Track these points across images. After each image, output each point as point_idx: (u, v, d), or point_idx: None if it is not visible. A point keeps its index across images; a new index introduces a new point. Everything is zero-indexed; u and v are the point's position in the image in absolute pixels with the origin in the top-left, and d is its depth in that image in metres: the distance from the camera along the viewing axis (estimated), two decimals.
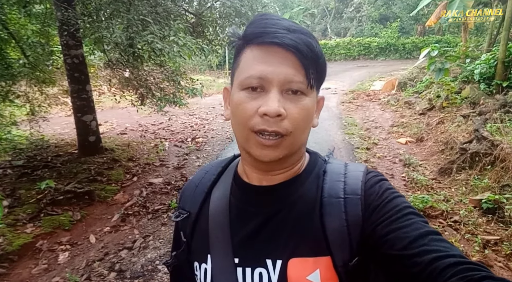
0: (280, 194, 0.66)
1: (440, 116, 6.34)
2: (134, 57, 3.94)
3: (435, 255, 0.49)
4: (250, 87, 0.58)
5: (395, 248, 0.53)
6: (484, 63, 7.03)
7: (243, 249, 0.65)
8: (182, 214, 0.74)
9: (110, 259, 3.06)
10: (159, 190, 4.38)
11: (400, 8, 20.70)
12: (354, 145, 5.87)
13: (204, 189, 0.74)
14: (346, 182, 0.63)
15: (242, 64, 0.61)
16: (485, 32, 12.87)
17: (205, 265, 0.67)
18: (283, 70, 0.57)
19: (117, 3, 3.62)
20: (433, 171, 4.67)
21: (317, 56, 0.59)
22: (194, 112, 8.88)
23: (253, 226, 0.65)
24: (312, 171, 0.68)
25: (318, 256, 0.60)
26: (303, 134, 0.62)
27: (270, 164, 0.63)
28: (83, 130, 5.11)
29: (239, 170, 0.72)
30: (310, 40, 0.58)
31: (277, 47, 0.57)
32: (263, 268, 0.62)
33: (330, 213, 0.60)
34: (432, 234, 0.53)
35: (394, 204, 0.58)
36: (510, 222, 3.19)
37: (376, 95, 10.13)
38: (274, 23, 0.58)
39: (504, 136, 4.22)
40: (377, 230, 0.56)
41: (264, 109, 0.56)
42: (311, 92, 0.60)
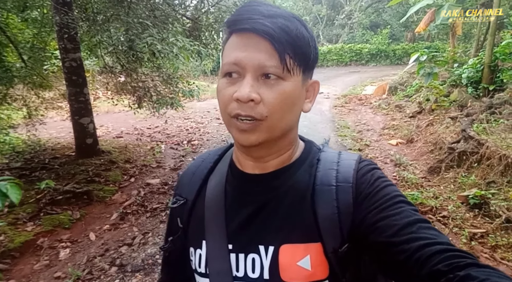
0: (273, 182, 0.67)
1: (430, 119, 6.54)
2: (133, 59, 4.04)
3: (423, 242, 0.50)
4: (228, 74, 0.60)
5: (383, 235, 0.54)
6: (471, 68, 7.26)
7: (237, 236, 0.66)
8: (179, 201, 0.75)
9: (111, 255, 3.13)
10: (157, 190, 4.46)
11: (390, 15, 21.15)
12: (346, 146, 6.02)
13: (201, 176, 0.75)
14: (338, 170, 0.64)
15: (225, 52, 0.62)
16: (472, 38, 13.23)
17: (200, 251, 0.69)
18: (256, 56, 0.57)
19: (116, 7, 3.73)
20: (422, 170, 4.83)
21: (294, 40, 0.58)
22: (189, 116, 8.98)
23: (247, 213, 0.67)
24: (306, 159, 0.69)
25: (309, 242, 0.61)
26: (283, 118, 0.61)
27: (253, 149, 0.64)
28: (80, 132, 5.18)
29: (234, 159, 0.74)
30: (287, 23, 0.58)
31: (250, 33, 0.57)
32: (256, 254, 0.63)
33: (321, 201, 0.62)
34: (421, 222, 0.54)
35: (385, 193, 0.59)
36: (495, 216, 3.34)
37: (368, 99, 10.34)
38: (251, 9, 0.59)
39: (490, 136, 4.41)
40: (367, 217, 0.58)
41: (237, 94, 0.57)
42: (290, 77, 0.59)
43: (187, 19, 4.90)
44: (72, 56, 4.89)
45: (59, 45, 4.91)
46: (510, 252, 2.98)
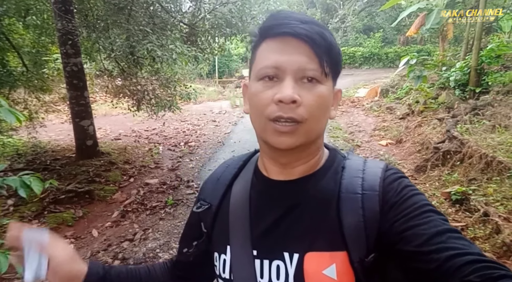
0: (298, 188, 0.67)
1: (418, 120, 6.78)
2: (134, 64, 4.24)
3: (453, 252, 0.49)
4: (266, 77, 0.60)
5: (412, 244, 0.53)
6: (459, 71, 7.52)
7: (262, 242, 0.66)
8: (203, 205, 0.76)
9: (113, 250, 3.31)
10: (156, 190, 4.64)
11: (383, 19, 21.51)
12: (338, 147, 6.22)
13: (226, 182, 0.76)
14: (364, 178, 0.64)
15: (258, 57, 0.63)
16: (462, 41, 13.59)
17: (224, 256, 0.69)
18: (297, 59, 0.59)
19: (117, 14, 3.92)
20: (410, 169, 5.05)
21: (330, 45, 0.61)
22: (186, 118, 9.17)
23: (271, 219, 0.67)
24: (331, 167, 0.69)
25: (334, 250, 0.60)
26: (319, 122, 0.62)
27: (287, 153, 0.64)
28: (81, 134, 5.35)
29: (259, 165, 0.74)
30: (323, 30, 0.60)
31: (290, 37, 0.59)
32: (281, 261, 0.63)
33: (347, 209, 0.61)
34: (451, 231, 0.53)
35: (413, 201, 0.59)
36: (474, 210, 3.56)
37: (360, 102, 10.60)
38: (287, 15, 0.61)
39: (472, 136, 4.65)
40: (394, 226, 0.57)
41: (279, 95, 0.58)
42: (326, 80, 0.61)
43: (184, 25, 5.11)
44: (73, 61, 5.07)
45: (60, 50, 5.09)
46: (487, 243, 3.20)
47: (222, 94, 13.63)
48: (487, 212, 3.40)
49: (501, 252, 3.07)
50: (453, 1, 11.41)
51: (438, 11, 9.68)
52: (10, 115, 1.41)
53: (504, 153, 4.07)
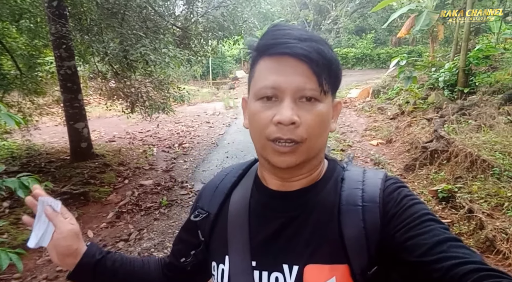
0: (298, 200, 0.67)
1: (408, 120, 6.93)
2: (127, 67, 4.31)
3: (455, 261, 0.49)
4: (265, 97, 0.60)
5: (413, 254, 0.53)
6: (448, 71, 7.69)
7: (261, 253, 0.66)
8: (201, 214, 0.75)
9: (109, 250, 3.36)
10: (150, 191, 4.71)
11: (375, 20, 21.73)
12: (330, 147, 6.35)
13: (224, 190, 0.75)
14: (364, 190, 0.64)
15: (257, 75, 0.63)
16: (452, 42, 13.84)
17: (223, 266, 0.69)
18: (295, 79, 0.58)
19: (111, 18, 3.99)
20: (399, 168, 5.18)
21: (329, 62, 0.61)
22: (179, 120, 9.23)
23: (271, 230, 0.66)
24: (330, 178, 0.69)
25: (335, 263, 0.60)
26: (318, 140, 0.63)
27: (288, 171, 0.64)
28: (75, 136, 5.40)
29: (259, 174, 0.74)
30: (321, 47, 0.60)
31: (288, 57, 0.59)
32: (280, 273, 0.63)
33: (348, 221, 0.61)
34: (452, 240, 0.53)
35: (413, 211, 0.59)
36: (460, 207, 3.69)
37: (352, 102, 10.75)
38: (285, 33, 0.60)
39: (458, 135, 4.79)
40: (395, 237, 0.57)
41: (278, 117, 0.58)
42: (325, 98, 0.61)
43: (177, 28, 5.19)
44: (67, 64, 5.12)
45: (54, 54, 5.14)
46: (471, 238, 3.32)
47: (216, 96, 13.71)
48: (472, 208, 3.53)
49: (484, 247, 3.20)
50: (443, 3, 11.63)
51: (427, 13, 9.86)
52: (10, 119, 1.49)
53: (488, 152, 4.21)
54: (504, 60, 7.85)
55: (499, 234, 3.17)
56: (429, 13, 9.87)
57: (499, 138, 4.53)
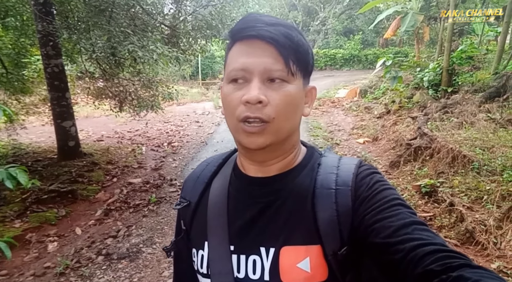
0: (275, 185, 0.69)
1: (394, 119, 7.07)
2: (115, 64, 4.32)
3: (417, 242, 0.51)
4: (235, 79, 0.62)
5: (379, 236, 0.55)
6: (432, 71, 7.87)
7: (239, 237, 0.68)
8: (182, 203, 0.78)
9: (97, 246, 3.39)
10: (139, 189, 4.72)
11: (363, 21, 22.03)
12: (318, 145, 6.44)
13: (205, 179, 0.78)
14: (338, 174, 0.66)
15: (229, 60, 0.65)
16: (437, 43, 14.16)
17: (202, 252, 0.71)
18: (262, 60, 0.60)
19: (98, 16, 4.00)
20: (385, 165, 5.30)
21: (297, 45, 0.62)
22: (169, 119, 9.23)
23: (249, 215, 0.68)
24: (307, 164, 0.71)
25: (309, 244, 0.63)
26: (288, 121, 0.64)
27: (260, 153, 0.66)
28: (63, 135, 5.37)
29: (237, 162, 0.76)
30: (289, 31, 0.62)
31: (256, 39, 0.61)
32: (257, 256, 0.65)
33: (321, 204, 0.63)
34: (417, 223, 0.55)
35: (383, 195, 0.61)
36: (441, 201, 3.81)
37: (340, 102, 10.89)
38: (255, 19, 0.63)
39: (441, 132, 4.92)
40: (365, 219, 0.59)
41: (246, 97, 0.60)
42: (294, 80, 0.63)
43: (165, 26, 5.21)
44: (54, 62, 5.10)
45: (41, 52, 5.10)
46: (452, 231, 3.44)
47: (205, 96, 13.70)
48: (453, 202, 3.65)
49: (464, 239, 3.31)
50: (428, 5, 11.89)
51: (412, 14, 10.07)
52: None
53: (469, 148, 4.35)
54: (486, 60, 8.08)
55: (478, 226, 3.29)
56: (414, 14, 10.07)
57: (479, 134, 4.68)
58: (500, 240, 3.14)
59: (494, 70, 6.49)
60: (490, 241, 3.12)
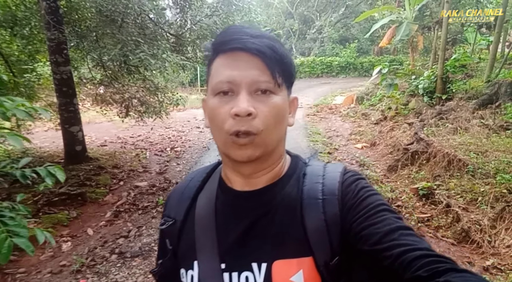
0: (263, 198, 0.68)
1: (390, 125, 7.29)
2: (127, 72, 4.49)
3: (404, 248, 0.52)
4: (222, 92, 0.61)
5: (367, 243, 0.55)
6: (427, 79, 8.14)
7: (230, 254, 0.66)
8: (167, 221, 0.74)
9: (110, 246, 3.51)
10: (146, 191, 4.86)
11: (358, 30, 22.47)
12: (318, 150, 6.63)
13: (190, 195, 0.75)
14: (324, 183, 0.66)
15: (213, 72, 0.64)
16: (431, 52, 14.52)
17: (192, 272, 0.68)
18: (249, 73, 0.60)
19: (110, 25, 4.18)
20: (383, 169, 5.49)
21: (281, 57, 0.62)
22: (170, 125, 9.38)
23: (238, 231, 0.66)
24: (293, 174, 0.70)
25: (301, 257, 0.62)
26: (275, 132, 0.64)
27: (249, 165, 0.65)
28: (70, 140, 5.50)
29: (223, 176, 0.74)
30: (273, 43, 0.62)
31: (242, 52, 0.60)
32: (249, 272, 0.63)
33: (310, 215, 0.63)
34: (403, 229, 0.56)
35: (369, 202, 0.61)
36: (438, 202, 3.99)
37: (337, 109, 11.12)
38: (238, 31, 0.63)
39: (437, 137, 5.13)
40: (352, 227, 0.59)
41: (235, 109, 0.59)
42: (280, 91, 0.63)
43: (171, 35, 5.40)
44: (62, 69, 5.25)
45: (50, 59, 5.25)
46: (449, 231, 3.62)
47: None
48: (449, 203, 3.84)
49: (461, 238, 3.50)
50: (421, 15, 12.25)
51: (407, 24, 10.38)
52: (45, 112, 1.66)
53: (464, 152, 4.55)
54: (479, 68, 8.37)
55: (474, 226, 3.47)
56: (409, 24, 10.38)
57: (473, 139, 4.90)
58: (494, 238, 3.32)
59: (487, 78, 6.76)
60: (485, 239, 3.31)
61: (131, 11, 4.25)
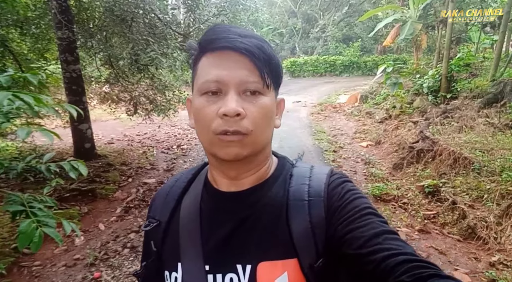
0: (248, 199, 0.67)
1: (395, 123, 7.34)
2: (138, 71, 4.56)
3: (388, 253, 0.51)
4: (209, 91, 0.60)
5: (352, 247, 0.55)
6: (431, 78, 8.17)
7: (214, 256, 0.65)
8: (151, 223, 0.73)
9: (121, 240, 3.59)
10: (154, 188, 4.92)
11: (361, 29, 22.47)
12: (323, 148, 6.69)
13: (175, 197, 0.74)
14: (310, 185, 0.65)
15: (199, 71, 0.62)
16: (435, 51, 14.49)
17: (176, 274, 0.67)
18: (237, 73, 0.59)
19: (120, 25, 4.25)
20: (388, 167, 5.54)
21: (269, 58, 0.62)
22: (175, 123, 9.44)
23: (223, 232, 0.66)
24: (279, 176, 0.70)
25: (286, 258, 0.61)
26: (264, 133, 0.63)
27: (236, 165, 0.65)
28: (79, 137, 5.59)
29: (209, 177, 0.73)
30: (261, 43, 0.61)
31: (230, 51, 0.59)
32: (234, 274, 0.63)
33: (295, 216, 0.62)
34: (387, 233, 0.55)
35: (354, 205, 0.60)
36: (444, 200, 4.05)
37: (341, 107, 11.17)
38: (226, 29, 0.61)
39: (442, 136, 5.18)
40: (337, 230, 0.58)
41: (223, 109, 0.58)
42: (268, 92, 0.62)
43: (179, 34, 5.46)
44: (72, 68, 5.32)
45: (60, 58, 5.33)
46: (455, 227, 3.67)
47: None
48: (455, 201, 3.89)
49: (466, 234, 3.55)
50: (426, 13, 12.25)
51: (411, 23, 10.41)
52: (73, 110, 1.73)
53: (469, 150, 4.60)
54: (484, 67, 8.39)
55: (480, 222, 3.53)
56: (413, 23, 10.41)
57: (479, 137, 4.95)
58: (500, 235, 3.38)
59: (492, 77, 6.79)
60: (491, 236, 3.37)
61: (141, 10, 4.32)
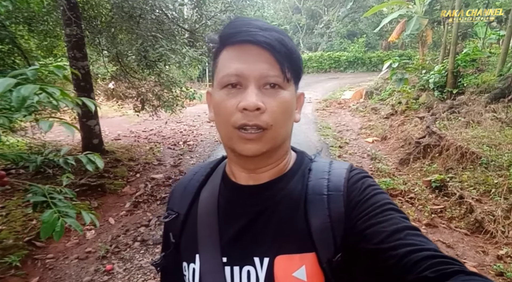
0: (266, 193, 0.67)
1: (401, 119, 7.33)
2: (147, 67, 4.60)
3: (410, 248, 0.51)
4: (229, 85, 0.60)
5: (372, 242, 0.54)
6: (437, 73, 8.14)
7: (231, 248, 0.66)
8: (170, 215, 0.75)
9: (132, 234, 3.64)
10: (162, 183, 4.98)
11: (366, 25, 22.35)
12: (328, 144, 6.71)
13: (193, 190, 0.75)
14: (329, 180, 0.65)
15: (220, 65, 0.62)
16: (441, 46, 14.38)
17: (194, 265, 0.68)
18: (258, 66, 0.59)
19: (128, 21, 4.28)
20: (394, 162, 5.55)
21: (290, 52, 0.61)
22: (181, 120, 9.49)
23: (241, 225, 0.66)
24: (298, 170, 0.70)
25: (304, 252, 0.61)
26: (284, 127, 0.63)
27: (255, 160, 0.65)
28: (87, 133, 5.65)
29: (227, 171, 0.74)
30: (282, 37, 0.61)
31: (251, 44, 0.59)
32: (251, 266, 0.63)
33: (314, 210, 0.62)
34: (409, 229, 0.55)
35: (375, 200, 0.60)
36: (451, 194, 4.06)
37: (347, 103, 11.16)
38: (247, 23, 0.61)
39: (449, 131, 5.18)
40: (357, 225, 0.58)
41: (243, 103, 0.58)
42: (288, 86, 0.62)
43: (186, 31, 5.49)
44: (80, 64, 5.37)
45: (68, 54, 5.37)
46: (462, 221, 3.69)
47: None
48: (462, 195, 3.90)
49: (474, 228, 3.57)
50: (431, 9, 12.18)
51: (417, 18, 10.36)
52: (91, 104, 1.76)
53: (477, 145, 4.60)
54: (490, 63, 8.35)
55: (487, 216, 3.54)
56: (419, 18, 10.37)
57: (486, 132, 4.94)
58: (507, 229, 3.39)
59: (499, 72, 6.76)
60: (499, 230, 3.38)
61: (149, 7, 4.35)
